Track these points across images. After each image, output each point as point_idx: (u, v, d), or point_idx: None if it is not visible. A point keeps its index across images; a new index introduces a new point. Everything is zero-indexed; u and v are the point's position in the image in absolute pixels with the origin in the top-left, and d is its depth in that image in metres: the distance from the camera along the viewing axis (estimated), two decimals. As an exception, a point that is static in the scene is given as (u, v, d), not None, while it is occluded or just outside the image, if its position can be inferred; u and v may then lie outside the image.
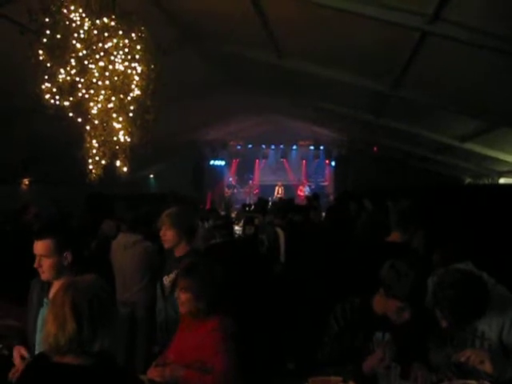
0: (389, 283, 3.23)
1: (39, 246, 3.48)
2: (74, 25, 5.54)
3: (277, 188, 24.60)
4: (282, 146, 23.94)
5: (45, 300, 3.45)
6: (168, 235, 4.38)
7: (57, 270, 3.45)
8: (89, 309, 2.24)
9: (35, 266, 3.46)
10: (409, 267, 3.22)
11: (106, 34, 5.65)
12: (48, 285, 3.48)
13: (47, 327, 2.26)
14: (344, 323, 3.33)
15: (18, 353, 3.10)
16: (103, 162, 6.03)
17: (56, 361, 2.24)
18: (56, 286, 3.33)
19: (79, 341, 2.20)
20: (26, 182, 15.37)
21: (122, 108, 5.95)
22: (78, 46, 5.58)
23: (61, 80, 5.65)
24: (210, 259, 3.57)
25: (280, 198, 16.92)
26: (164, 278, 4.44)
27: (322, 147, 22.87)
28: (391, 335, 3.19)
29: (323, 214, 10.74)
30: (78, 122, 5.99)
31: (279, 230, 7.83)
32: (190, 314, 3.30)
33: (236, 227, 12.63)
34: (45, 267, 3.44)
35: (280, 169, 25.31)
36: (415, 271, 3.21)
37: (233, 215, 16.11)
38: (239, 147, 23.70)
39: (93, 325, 2.23)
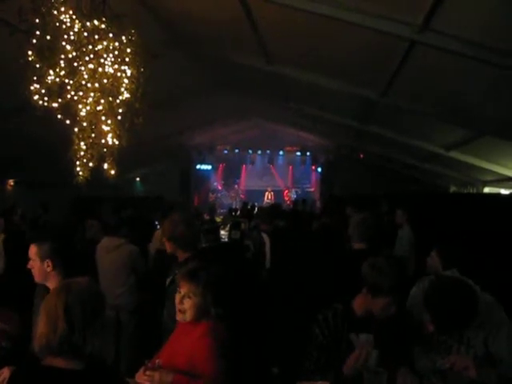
0: (373, 281, 3.28)
1: (30, 249, 3.68)
2: (64, 26, 5.52)
3: (267, 193, 24.70)
4: (268, 152, 23.94)
5: None
6: (166, 244, 4.53)
7: (41, 274, 3.70)
8: (81, 312, 2.25)
9: (28, 266, 3.63)
10: (388, 263, 3.30)
11: (96, 37, 5.63)
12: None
13: (39, 328, 2.27)
14: (328, 331, 3.33)
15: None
16: (91, 164, 6.01)
17: (47, 364, 2.24)
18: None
19: (70, 343, 2.21)
20: (11, 183, 15.30)
21: (110, 111, 5.93)
22: (68, 47, 5.56)
23: (50, 81, 5.62)
24: (208, 262, 3.55)
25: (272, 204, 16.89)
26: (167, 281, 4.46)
27: (308, 153, 22.92)
28: (375, 337, 3.22)
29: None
30: (67, 124, 5.97)
31: (265, 236, 7.84)
32: (194, 320, 3.27)
33: (222, 232, 12.65)
34: (34, 270, 3.62)
35: (267, 174, 25.33)
36: (395, 266, 3.31)
37: (218, 220, 16.12)
38: (226, 152, 23.67)
39: (84, 327, 2.25)
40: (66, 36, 5.54)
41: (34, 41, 5.46)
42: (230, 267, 5.49)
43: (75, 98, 5.77)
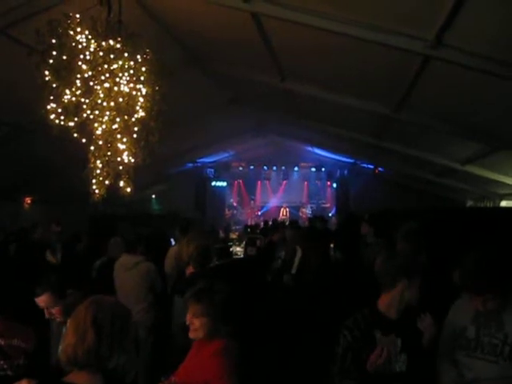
0: (410, 268, 3.38)
1: (40, 302, 3.66)
2: (80, 46, 5.60)
3: (282, 210, 24.74)
4: (283, 168, 23.94)
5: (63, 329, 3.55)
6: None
7: (66, 311, 3.65)
8: (110, 325, 2.27)
9: (47, 316, 3.63)
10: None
11: (111, 56, 5.69)
12: None
13: (67, 339, 2.28)
14: (359, 332, 3.31)
15: None
16: (107, 182, 6.05)
17: (67, 381, 2.25)
18: None
19: (97, 354, 2.21)
20: (29, 201, 15.41)
21: (126, 129, 5.98)
22: (84, 67, 5.63)
23: (66, 101, 5.69)
24: (216, 281, 3.58)
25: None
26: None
27: (323, 169, 22.87)
28: (403, 339, 3.26)
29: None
30: (83, 143, 6.03)
31: (298, 248, 8.49)
32: (206, 337, 3.29)
33: (238, 248, 12.70)
34: (55, 314, 3.63)
35: (282, 190, 25.32)
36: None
37: (234, 236, 16.17)
38: (241, 168, 23.69)
39: (112, 341, 2.25)
40: (81, 56, 5.61)
41: (51, 61, 5.54)
42: (240, 285, 5.54)
43: (91, 116, 5.83)
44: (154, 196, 22.74)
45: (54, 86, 5.63)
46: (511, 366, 3.15)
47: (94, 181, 6.04)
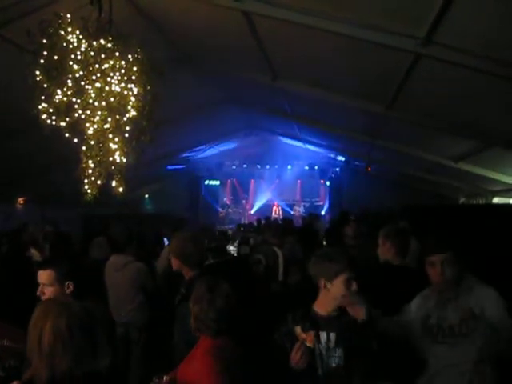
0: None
1: (42, 275, 3.66)
2: (71, 46, 5.57)
3: (274, 208, 24.75)
4: (276, 166, 23.97)
5: None
6: (172, 261, 4.60)
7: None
8: (76, 336, 2.21)
9: (38, 293, 3.57)
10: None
11: (102, 56, 5.67)
12: None
13: (33, 365, 2.23)
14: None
15: None
16: (99, 182, 6.02)
17: None
18: None
19: (66, 374, 2.18)
20: (21, 201, 15.37)
21: (118, 129, 5.96)
22: (75, 67, 5.60)
23: (57, 101, 5.66)
24: (219, 278, 3.57)
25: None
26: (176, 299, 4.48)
27: (316, 167, 22.88)
28: (338, 335, 3.23)
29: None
30: (74, 143, 6.00)
31: (277, 250, 7.79)
32: (199, 331, 3.30)
33: (231, 247, 12.68)
34: (47, 295, 3.56)
35: (275, 189, 25.35)
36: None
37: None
38: (234, 167, 23.72)
39: (79, 354, 2.21)
40: (73, 55, 5.58)
41: (42, 61, 5.51)
42: (236, 283, 5.50)
43: (82, 116, 5.80)
44: (146, 196, 22.73)
45: (46, 85, 5.60)
46: (472, 341, 3.33)
47: (86, 181, 6.02)
